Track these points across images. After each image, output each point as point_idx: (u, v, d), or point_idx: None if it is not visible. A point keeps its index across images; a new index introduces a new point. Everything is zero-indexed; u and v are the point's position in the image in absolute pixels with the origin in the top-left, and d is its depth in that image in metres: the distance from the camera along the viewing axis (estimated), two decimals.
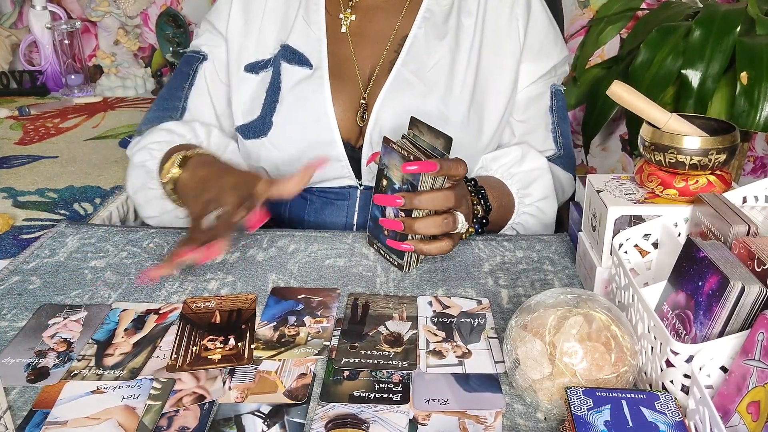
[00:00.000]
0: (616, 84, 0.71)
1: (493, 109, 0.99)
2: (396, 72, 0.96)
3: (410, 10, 0.99)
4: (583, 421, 0.49)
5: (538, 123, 1.03)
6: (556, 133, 1.04)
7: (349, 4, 1.01)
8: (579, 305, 0.56)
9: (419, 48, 0.97)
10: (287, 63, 0.98)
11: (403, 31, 0.98)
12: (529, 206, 0.95)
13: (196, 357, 0.65)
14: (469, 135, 0.96)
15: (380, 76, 0.97)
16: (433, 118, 0.93)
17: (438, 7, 0.99)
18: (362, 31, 1.00)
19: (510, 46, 0.99)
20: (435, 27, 0.98)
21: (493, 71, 0.99)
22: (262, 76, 1.00)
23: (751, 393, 0.47)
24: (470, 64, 0.97)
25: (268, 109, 0.97)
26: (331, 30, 1.00)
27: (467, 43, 0.97)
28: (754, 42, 1.35)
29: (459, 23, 0.98)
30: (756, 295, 0.50)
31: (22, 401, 0.60)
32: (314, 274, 0.81)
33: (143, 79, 1.87)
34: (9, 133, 1.44)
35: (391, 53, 0.98)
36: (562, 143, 1.05)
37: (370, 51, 0.99)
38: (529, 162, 0.97)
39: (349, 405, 0.58)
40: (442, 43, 0.97)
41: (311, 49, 0.98)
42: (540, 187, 0.96)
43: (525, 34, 0.99)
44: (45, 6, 1.80)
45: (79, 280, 0.79)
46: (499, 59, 0.99)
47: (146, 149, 0.95)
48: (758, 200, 0.68)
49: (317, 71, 0.97)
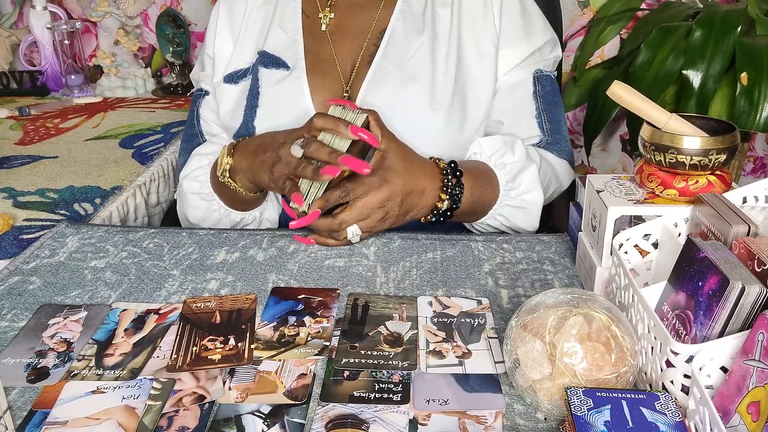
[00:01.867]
0: (616, 84, 0.71)
1: (476, 98, 0.98)
2: (376, 64, 0.96)
3: (388, 3, 1.00)
4: (583, 421, 0.49)
5: (521, 110, 1.01)
6: (541, 119, 1.02)
7: (328, 3, 1.02)
8: (579, 305, 0.56)
9: (398, 40, 0.98)
10: (264, 68, 1.00)
11: (382, 25, 0.99)
12: (515, 199, 0.94)
13: (196, 357, 0.65)
14: (454, 124, 0.96)
15: (361, 69, 0.98)
16: (417, 107, 0.94)
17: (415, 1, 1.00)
18: (341, 28, 1.01)
19: (487, 33, 0.99)
20: (413, 18, 0.99)
21: (473, 59, 0.99)
22: (242, 85, 1.01)
23: (751, 393, 0.47)
24: (450, 53, 0.97)
25: (249, 115, 0.99)
26: (309, 30, 1.01)
27: (445, 32, 0.98)
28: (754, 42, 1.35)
29: (435, 14, 0.99)
30: (756, 295, 0.50)
31: (22, 401, 0.60)
32: (314, 274, 0.81)
33: (143, 79, 1.87)
34: (9, 134, 1.44)
35: (371, 47, 0.99)
36: (550, 129, 1.03)
37: (350, 46, 1.00)
38: (519, 151, 0.95)
39: (349, 405, 0.58)
40: (421, 35, 0.98)
41: (288, 51, 1.00)
42: (526, 179, 0.94)
43: (500, 20, 0.99)
44: (45, 6, 1.80)
45: (79, 280, 0.79)
46: (478, 47, 0.99)
47: (192, 179, 1.00)
48: (758, 200, 0.68)
49: (294, 71, 0.98)
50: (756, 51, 1.32)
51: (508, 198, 0.93)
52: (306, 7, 1.02)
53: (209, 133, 1.07)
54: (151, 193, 1.21)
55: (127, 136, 1.42)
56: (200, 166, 1.00)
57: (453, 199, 0.87)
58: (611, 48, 1.85)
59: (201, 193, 0.99)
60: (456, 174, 0.88)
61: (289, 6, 1.03)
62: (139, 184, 1.18)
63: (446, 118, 0.95)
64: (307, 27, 1.01)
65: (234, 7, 1.05)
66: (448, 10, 0.99)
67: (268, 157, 0.86)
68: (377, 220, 0.84)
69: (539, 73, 1.03)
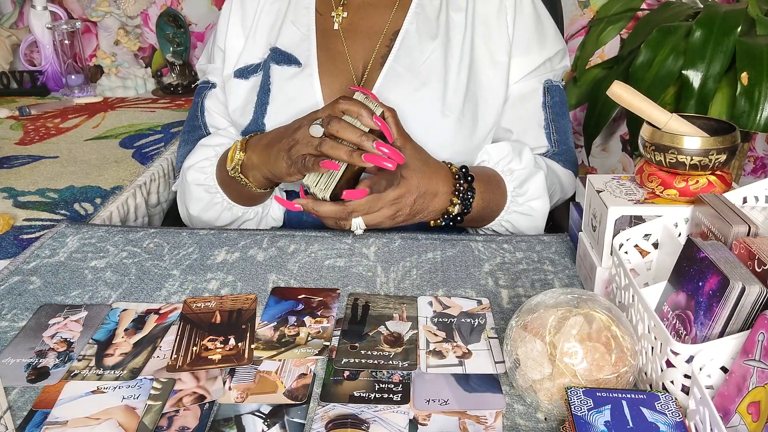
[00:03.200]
0: (617, 84, 0.71)
1: (487, 105, 0.98)
2: (388, 67, 0.96)
3: (402, 5, 1.00)
4: (583, 421, 0.49)
5: (530, 119, 1.01)
6: (549, 130, 1.02)
7: (341, 2, 1.02)
8: (579, 305, 0.56)
9: (411, 43, 0.97)
10: (276, 64, 0.99)
11: (395, 26, 0.99)
12: (522, 205, 0.94)
13: (197, 357, 0.65)
14: (464, 130, 0.96)
15: (373, 70, 0.98)
16: (429, 112, 0.94)
17: (429, 3, 0.99)
18: (354, 28, 1.01)
19: (500, 41, 0.98)
20: (427, 22, 0.98)
21: (486, 66, 0.98)
22: (252, 81, 1.01)
23: (751, 393, 0.47)
24: (463, 59, 0.97)
25: (260, 112, 0.98)
26: (322, 28, 1.01)
27: (458, 38, 0.97)
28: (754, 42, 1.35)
29: (449, 19, 0.98)
30: (756, 295, 0.50)
31: (22, 401, 0.60)
32: (314, 275, 0.81)
33: (143, 79, 1.87)
34: (9, 133, 1.44)
35: (383, 48, 0.99)
36: (557, 140, 1.03)
37: (363, 46, 1.00)
38: (526, 158, 0.96)
39: (349, 405, 0.58)
40: (434, 40, 0.97)
41: (300, 48, 0.99)
42: (534, 185, 0.94)
43: (513, 28, 0.99)
44: (45, 6, 1.80)
45: (79, 280, 0.79)
46: (491, 54, 0.98)
47: (198, 169, 0.98)
48: (758, 200, 0.68)
49: (306, 69, 0.98)
50: (756, 51, 1.32)
51: (515, 204, 0.93)
52: (319, 5, 1.02)
53: (213, 125, 1.06)
54: (151, 193, 1.21)
55: (127, 136, 1.42)
56: (206, 157, 0.99)
57: (464, 204, 0.87)
58: (611, 48, 1.85)
59: (205, 185, 0.98)
60: (467, 179, 0.88)
61: (303, 2, 1.02)
62: (139, 184, 1.18)
63: (457, 124, 0.95)
64: (319, 24, 1.01)
65: (247, 1, 1.04)
66: (462, 15, 0.98)
67: (284, 144, 0.84)
68: (386, 216, 0.83)
69: (549, 84, 1.03)
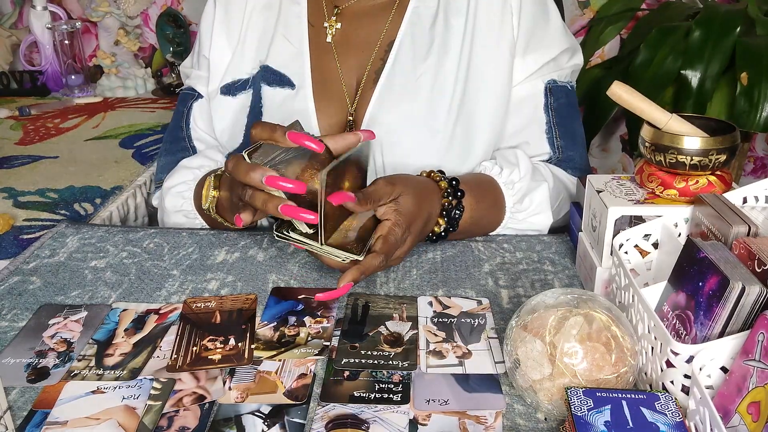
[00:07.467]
0: (616, 84, 0.71)
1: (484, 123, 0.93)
2: (382, 85, 0.91)
3: (397, 13, 0.94)
4: (583, 421, 0.49)
5: (530, 125, 0.96)
6: (552, 134, 0.96)
7: (335, 12, 0.95)
8: (579, 305, 0.56)
9: (406, 55, 0.92)
10: (267, 85, 0.94)
11: (390, 37, 0.93)
12: (521, 222, 0.90)
13: (196, 357, 0.65)
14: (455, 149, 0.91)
15: (366, 88, 0.93)
16: (425, 130, 0.90)
17: (425, 9, 0.93)
18: (348, 40, 0.95)
19: (505, 43, 0.92)
20: (422, 31, 0.93)
21: (486, 75, 0.93)
22: (240, 99, 0.96)
23: (751, 393, 0.47)
24: (459, 73, 0.91)
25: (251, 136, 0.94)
26: (314, 42, 0.95)
27: (456, 48, 0.91)
28: (754, 42, 1.35)
29: (447, 25, 0.92)
30: (756, 295, 0.50)
31: (22, 401, 0.60)
32: (314, 275, 0.81)
33: (143, 79, 1.87)
34: (9, 134, 1.44)
35: (378, 62, 0.93)
36: (562, 145, 0.97)
37: (356, 61, 0.94)
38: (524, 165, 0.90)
39: (349, 405, 0.58)
40: (430, 50, 0.92)
41: (293, 67, 0.94)
42: (537, 200, 0.90)
43: (518, 26, 0.92)
44: (45, 6, 1.80)
45: (79, 280, 0.79)
46: (493, 58, 0.92)
47: (176, 194, 0.93)
48: (758, 200, 0.68)
49: (300, 91, 0.93)
50: (756, 51, 1.32)
51: (514, 221, 0.90)
52: (311, 16, 0.96)
53: (197, 139, 1.01)
54: (151, 193, 1.21)
55: (127, 136, 1.42)
56: (184, 180, 0.93)
57: (450, 222, 0.83)
58: (611, 48, 1.85)
59: (183, 211, 0.93)
60: (457, 195, 0.83)
61: (294, 11, 0.96)
62: (139, 184, 1.18)
63: (449, 143, 0.91)
64: (312, 38, 0.95)
65: (231, 9, 0.97)
66: (462, 20, 0.92)
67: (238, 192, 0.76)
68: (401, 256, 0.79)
69: (553, 84, 0.96)
